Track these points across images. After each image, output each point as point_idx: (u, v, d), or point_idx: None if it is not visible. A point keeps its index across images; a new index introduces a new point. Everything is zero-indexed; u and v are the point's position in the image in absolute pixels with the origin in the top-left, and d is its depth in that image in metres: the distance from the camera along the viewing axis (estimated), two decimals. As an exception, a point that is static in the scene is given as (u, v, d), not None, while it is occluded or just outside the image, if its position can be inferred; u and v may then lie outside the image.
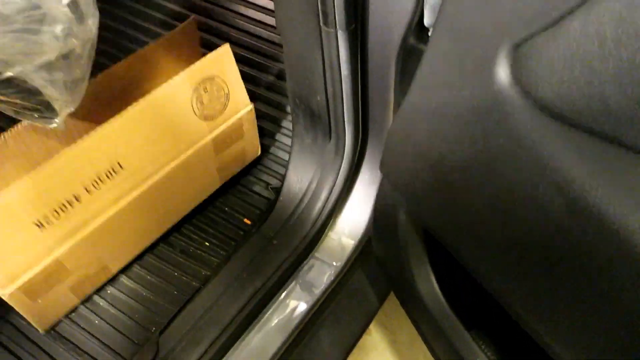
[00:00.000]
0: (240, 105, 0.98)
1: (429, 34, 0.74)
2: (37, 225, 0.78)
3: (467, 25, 0.48)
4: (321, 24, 0.77)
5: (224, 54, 0.91)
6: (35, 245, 0.78)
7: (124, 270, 0.97)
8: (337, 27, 0.76)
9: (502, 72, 0.43)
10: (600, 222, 0.34)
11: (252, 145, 1.06)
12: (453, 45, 0.49)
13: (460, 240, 0.48)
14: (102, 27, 0.71)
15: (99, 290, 0.94)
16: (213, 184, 1.04)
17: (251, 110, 1.00)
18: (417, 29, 0.79)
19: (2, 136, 0.80)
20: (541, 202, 0.38)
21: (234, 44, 1.17)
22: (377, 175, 0.98)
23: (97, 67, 0.80)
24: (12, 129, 0.81)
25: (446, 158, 0.49)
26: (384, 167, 0.62)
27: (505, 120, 0.43)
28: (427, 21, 0.64)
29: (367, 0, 0.76)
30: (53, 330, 0.90)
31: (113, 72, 0.89)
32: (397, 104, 0.89)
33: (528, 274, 0.41)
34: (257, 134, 1.06)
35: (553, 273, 0.38)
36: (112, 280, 0.95)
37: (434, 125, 0.52)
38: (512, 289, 0.45)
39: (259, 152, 1.09)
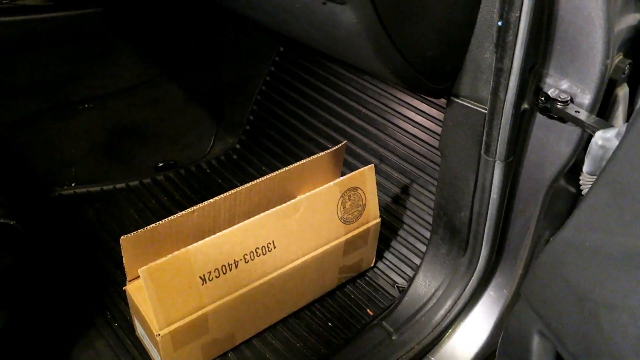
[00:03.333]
0: (371, 217, 1.11)
1: (581, 179, 0.81)
2: (201, 279, 0.91)
3: (631, 181, 0.55)
4: (482, 152, 0.87)
5: (368, 171, 1.07)
6: (194, 296, 0.91)
7: (246, 342, 1.05)
8: (497, 157, 0.86)
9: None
10: None
11: (369, 255, 1.17)
12: (614, 195, 0.57)
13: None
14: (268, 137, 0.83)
15: (221, 355, 1.02)
16: (332, 282, 1.14)
17: (378, 223, 1.12)
18: (569, 173, 0.87)
19: (191, 211, 0.95)
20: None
21: (382, 159, 1.31)
22: (504, 295, 1.02)
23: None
24: (197, 207, 0.95)
25: (595, 294, 0.55)
26: (527, 290, 0.68)
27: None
28: (586, 169, 0.72)
29: (527, 139, 0.86)
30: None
31: (270, 180, 1.02)
32: (536, 236, 0.95)
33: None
34: (376, 247, 1.17)
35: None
36: (234, 349, 1.03)
37: (585, 262, 0.58)
38: None
39: (372, 264, 1.20)
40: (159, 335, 0.89)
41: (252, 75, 1.59)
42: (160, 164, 1.48)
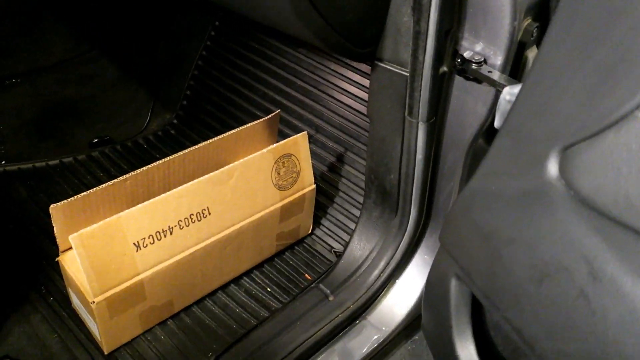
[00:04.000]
0: (306, 184, 1.14)
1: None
2: (135, 246, 0.92)
3: (527, 129, 0.59)
4: (406, 114, 0.91)
5: (301, 139, 1.10)
6: (128, 263, 0.91)
7: (185, 309, 1.07)
8: (419, 118, 0.90)
9: (552, 168, 0.54)
10: (614, 288, 0.43)
11: (306, 222, 1.20)
12: (514, 143, 0.61)
13: (501, 300, 0.58)
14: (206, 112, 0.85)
15: (160, 323, 1.04)
16: (270, 248, 1.16)
17: (313, 189, 1.15)
18: (487, 134, 0.92)
19: (124, 179, 0.94)
20: (570, 269, 0.47)
21: (318, 129, 1.34)
22: (434, 255, 1.07)
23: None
24: (130, 174, 0.95)
25: (498, 232, 0.59)
26: (443, 237, 0.72)
27: (550, 204, 0.53)
28: (496, 123, 0.76)
29: (448, 100, 0.91)
30: (113, 354, 0.98)
31: (204, 148, 1.03)
32: (460, 194, 1.00)
33: (554, 327, 0.49)
34: (312, 214, 1.20)
35: (575, 327, 0.46)
36: (173, 316, 1.05)
37: (490, 205, 0.62)
38: (544, 346, 0.53)
39: (310, 231, 1.23)
40: (94, 302, 0.89)
41: (188, 50, 1.58)
42: (95, 140, 1.45)
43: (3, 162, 1.34)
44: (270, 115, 1.10)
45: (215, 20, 1.55)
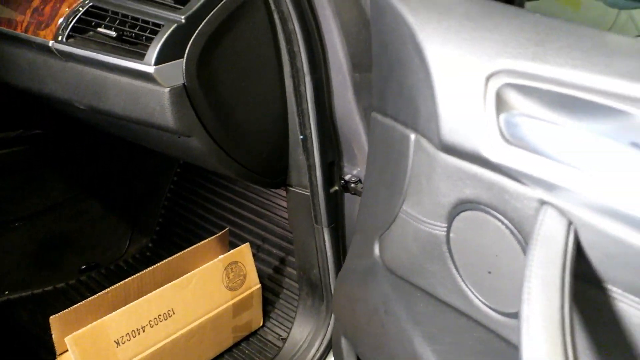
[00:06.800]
0: (253, 284, 1.44)
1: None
2: (116, 343, 1.19)
3: (366, 224, 0.92)
4: (314, 222, 1.24)
5: (245, 249, 1.42)
6: (111, 357, 1.17)
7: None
8: (323, 225, 1.22)
9: (376, 249, 0.86)
10: (394, 318, 0.73)
11: (257, 316, 1.49)
12: (361, 233, 0.94)
13: (357, 342, 0.86)
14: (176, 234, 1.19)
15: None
16: (228, 340, 1.44)
17: (258, 288, 1.45)
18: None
19: (106, 292, 1.24)
20: (378, 311, 0.77)
21: (264, 240, 1.66)
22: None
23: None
24: (111, 288, 1.25)
25: (354, 295, 0.90)
26: (332, 305, 1.02)
27: (375, 272, 0.84)
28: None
29: (342, 209, 1.24)
30: None
31: (169, 263, 1.34)
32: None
33: (377, 345, 0.78)
34: (261, 309, 1.49)
35: (381, 343, 0.75)
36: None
37: (351, 277, 0.93)
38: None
39: (261, 323, 1.51)
40: (82, 392, 1.14)
41: (159, 184, 1.94)
42: (83, 267, 1.75)
43: (6, 292, 1.62)
44: (220, 233, 1.42)
45: (180, 159, 1.92)
